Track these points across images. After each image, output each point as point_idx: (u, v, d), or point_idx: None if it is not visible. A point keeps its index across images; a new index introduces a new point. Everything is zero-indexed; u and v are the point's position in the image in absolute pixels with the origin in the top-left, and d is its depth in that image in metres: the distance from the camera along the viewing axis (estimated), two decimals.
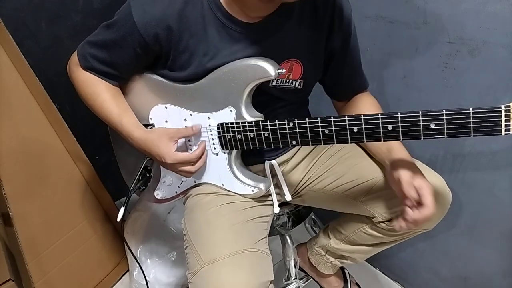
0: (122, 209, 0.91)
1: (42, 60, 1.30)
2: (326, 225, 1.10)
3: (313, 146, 1.01)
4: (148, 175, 0.97)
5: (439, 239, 1.21)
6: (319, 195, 0.99)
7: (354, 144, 0.96)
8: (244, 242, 0.79)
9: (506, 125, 0.62)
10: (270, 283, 0.77)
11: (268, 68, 0.76)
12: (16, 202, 1.08)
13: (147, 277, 1.26)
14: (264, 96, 0.86)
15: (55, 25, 1.33)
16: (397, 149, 0.84)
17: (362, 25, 1.12)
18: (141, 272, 1.31)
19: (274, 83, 0.86)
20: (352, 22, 0.89)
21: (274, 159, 0.97)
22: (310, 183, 0.99)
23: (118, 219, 0.91)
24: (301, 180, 1.00)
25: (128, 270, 1.43)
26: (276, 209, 0.94)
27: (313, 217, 1.58)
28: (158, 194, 0.99)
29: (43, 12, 1.29)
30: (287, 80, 0.87)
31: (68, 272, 1.27)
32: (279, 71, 0.77)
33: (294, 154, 1.01)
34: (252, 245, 0.80)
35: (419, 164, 0.90)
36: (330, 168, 0.97)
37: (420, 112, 0.67)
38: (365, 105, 0.96)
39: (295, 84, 0.88)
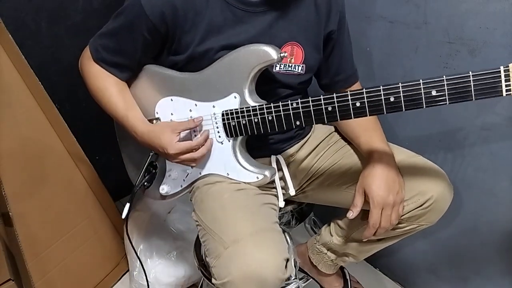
0: (127, 206, 0.92)
1: (42, 60, 1.30)
2: (328, 222, 1.10)
3: (319, 142, 1.03)
4: (153, 171, 0.97)
5: (439, 239, 1.21)
6: (324, 190, 0.99)
7: None
8: (262, 221, 0.82)
9: (506, 86, 0.63)
10: (288, 260, 0.79)
11: (270, 52, 0.78)
12: (16, 202, 1.08)
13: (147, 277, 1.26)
14: (268, 85, 0.88)
15: (55, 25, 1.33)
16: (375, 147, 0.88)
17: (362, 25, 1.12)
18: (141, 272, 1.32)
19: (277, 68, 0.88)
20: (345, 13, 0.92)
21: (280, 153, 0.98)
22: (316, 178, 1.00)
23: (123, 216, 0.92)
24: (307, 174, 1.01)
25: (128, 270, 1.43)
26: (281, 203, 0.94)
27: (313, 217, 1.58)
28: (164, 189, 0.99)
29: (43, 12, 1.30)
30: (290, 65, 0.89)
31: (68, 272, 1.27)
32: (281, 54, 0.79)
33: (300, 148, 1.02)
34: (270, 224, 0.83)
35: (420, 158, 0.92)
36: (335, 163, 0.98)
37: (421, 80, 0.68)
38: None
39: (297, 69, 0.90)
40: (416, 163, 0.90)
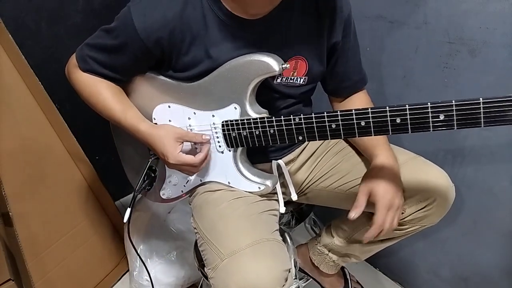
0: (128, 210, 0.92)
1: (42, 60, 1.30)
2: (328, 223, 1.10)
3: (318, 145, 1.02)
4: (153, 175, 0.97)
5: (439, 239, 1.21)
6: (325, 193, 0.99)
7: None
8: (261, 232, 0.79)
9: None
10: (289, 271, 0.77)
11: (272, 64, 0.76)
12: (16, 202, 1.08)
13: (146, 277, 1.26)
14: (268, 95, 0.86)
15: (55, 25, 1.33)
16: (379, 150, 0.86)
17: (362, 25, 1.12)
18: (141, 272, 1.32)
19: (278, 80, 0.86)
20: (351, 16, 0.89)
21: (280, 158, 0.97)
22: (316, 181, 1.00)
23: (125, 220, 0.92)
24: (306, 179, 1.01)
25: (128, 270, 1.43)
26: (282, 209, 0.93)
27: (313, 217, 1.59)
28: (164, 194, 0.98)
29: (43, 12, 1.29)
30: (292, 78, 0.87)
31: (68, 272, 1.27)
32: (283, 66, 0.77)
33: (300, 153, 1.01)
34: (270, 234, 0.81)
35: (421, 159, 0.91)
36: (335, 166, 0.97)
37: (429, 103, 0.65)
38: (363, 104, 0.96)
39: (299, 81, 0.88)
40: (417, 164, 0.90)
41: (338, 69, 0.93)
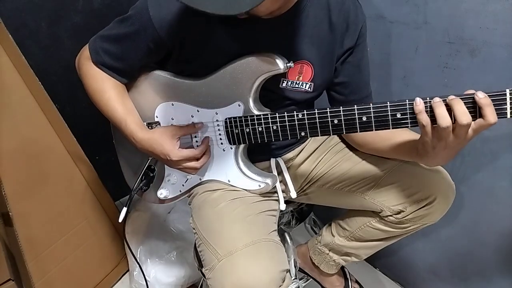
0: (124, 210, 0.91)
1: (42, 60, 1.30)
2: (329, 223, 1.10)
3: (318, 145, 1.02)
4: (151, 174, 0.97)
5: (439, 239, 1.21)
6: (325, 191, 0.99)
7: None
8: (258, 232, 0.80)
9: (511, 108, 0.64)
10: (287, 271, 0.77)
11: (276, 61, 0.77)
12: (16, 202, 1.08)
13: (147, 277, 1.26)
14: (273, 98, 0.86)
15: (55, 25, 1.33)
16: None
17: None
18: (141, 272, 1.32)
19: (284, 84, 0.86)
20: (366, 28, 0.88)
21: (280, 156, 0.97)
22: (316, 179, 1.00)
23: (120, 220, 0.91)
24: (307, 177, 1.01)
25: (128, 270, 1.43)
26: (283, 206, 0.93)
27: (313, 217, 1.59)
28: (162, 194, 0.98)
29: (43, 12, 1.29)
30: (297, 82, 0.86)
31: (68, 272, 1.27)
32: (288, 64, 0.77)
33: (300, 152, 1.02)
34: (267, 235, 0.81)
35: None
36: (335, 164, 0.98)
37: (428, 98, 0.67)
38: None
39: (305, 87, 0.87)
40: (417, 163, 0.90)
41: (348, 79, 0.91)
